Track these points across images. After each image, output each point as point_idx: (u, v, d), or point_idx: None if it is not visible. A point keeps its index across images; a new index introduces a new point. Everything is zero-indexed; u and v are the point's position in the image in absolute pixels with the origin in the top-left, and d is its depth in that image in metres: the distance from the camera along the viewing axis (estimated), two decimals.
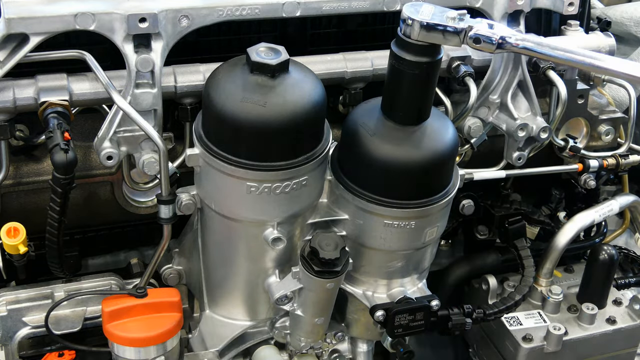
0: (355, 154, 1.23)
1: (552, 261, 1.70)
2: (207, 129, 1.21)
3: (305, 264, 1.23)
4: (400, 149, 1.21)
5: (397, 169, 1.21)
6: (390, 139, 1.21)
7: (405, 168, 1.21)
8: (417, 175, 1.22)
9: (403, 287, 1.40)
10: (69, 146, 1.13)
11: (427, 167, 1.22)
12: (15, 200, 1.35)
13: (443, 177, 1.27)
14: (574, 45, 1.55)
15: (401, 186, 1.23)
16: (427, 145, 1.22)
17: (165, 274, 1.43)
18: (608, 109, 1.73)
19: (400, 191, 1.23)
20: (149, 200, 1.43)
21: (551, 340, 1.64)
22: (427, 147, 1.21)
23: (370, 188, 1.24)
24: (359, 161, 1.24)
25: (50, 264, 1.30)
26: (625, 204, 1.76)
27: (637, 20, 2.25)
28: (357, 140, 1.22)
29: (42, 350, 1.40)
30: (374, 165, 1.22)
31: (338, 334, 1.50)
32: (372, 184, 1.24)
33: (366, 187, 1.25)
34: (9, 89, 1.21)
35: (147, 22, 1.18)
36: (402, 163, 1.21)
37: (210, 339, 1.44)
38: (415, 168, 1.21)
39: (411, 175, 1.22)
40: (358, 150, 1.22)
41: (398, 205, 1.24)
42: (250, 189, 1.19)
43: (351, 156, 1.26)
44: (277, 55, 1.16)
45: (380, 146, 1.21)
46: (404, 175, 1.22)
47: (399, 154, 1.20)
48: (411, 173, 1.22)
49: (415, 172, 1.22)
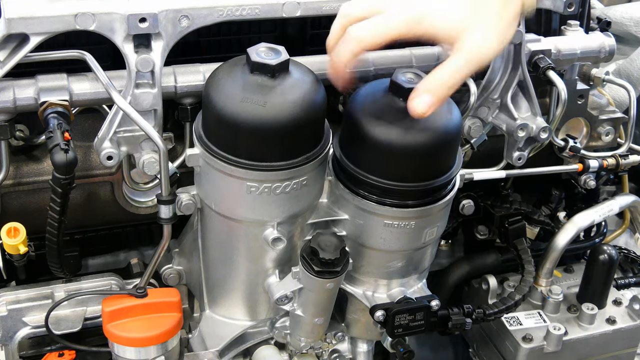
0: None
1: (552, 261, 1.70)
2: (207, 129, 1.21)
3: (305, 264, 1.23)
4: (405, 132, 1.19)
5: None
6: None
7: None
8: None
9: (403, 287, 1.40)
10: (69, 146, 1.13)
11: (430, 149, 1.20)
12: (15, 200, 1.35)
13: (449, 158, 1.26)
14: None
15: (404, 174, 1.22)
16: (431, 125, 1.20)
17: (165, 274, 1.43)
18: (608, 109, 1.73)
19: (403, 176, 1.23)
20: (149, 200, 1.43)
21: (551, 340, 1.64)
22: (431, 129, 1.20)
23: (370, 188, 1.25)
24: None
25: (50, 264, 1.30)
26: (625, 204, 1.76)
27: (637, 20, 2.25)
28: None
29: (42, 350, 1.40)
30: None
31: (338, 334, 1.50)
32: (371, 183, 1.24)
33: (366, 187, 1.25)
34: (9, 89, 1.21)
35: (147, 22, 1.18)
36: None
37: (210, 339, 1.44)
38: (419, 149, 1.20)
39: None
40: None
41: (398, 205, 1.24)
42: (250, 189, 1.19)
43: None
44: (277, 55, 1.16)
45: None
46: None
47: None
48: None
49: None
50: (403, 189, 1.23)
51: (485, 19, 1.12)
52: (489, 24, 1.12)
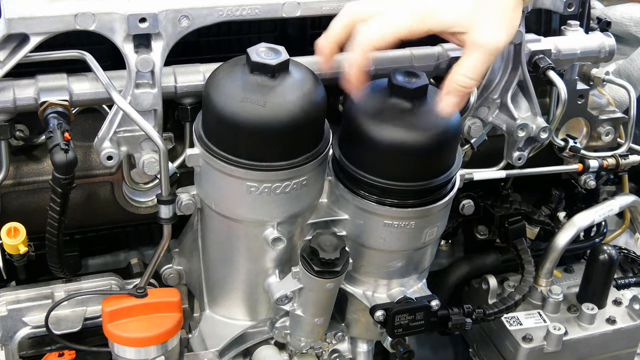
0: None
1: (552, 261, 1.70)
2: (207, 129, 1.21)
3: (305, 264, 1.23)
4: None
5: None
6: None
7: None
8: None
9: (403, 287, 1.40)
10: (69, 146, 1.13)
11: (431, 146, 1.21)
12: (15, 200, 1.35)
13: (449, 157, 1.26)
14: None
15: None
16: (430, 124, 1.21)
17: (165, 274, 1.43)
18: (608, 109, 1.73)
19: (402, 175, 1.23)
20: (149, 200, 1.43)
21: (551, 340, 1.64)
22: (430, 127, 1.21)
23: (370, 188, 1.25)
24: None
25: (50, 264, 1.30)
26: (625, 204, 1.76)
27: (637, 20, 2.25)
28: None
29: (42, 350, 1.40)
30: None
31: (338, 334, 1.50)
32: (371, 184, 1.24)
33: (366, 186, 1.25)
34: (9, 89, 1.21)
35: (147, 22, 1.18)
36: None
37: (210, 339, 1.44)
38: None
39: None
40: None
41: (398, 205, 1.24)
42: (250, 189, 1.19)
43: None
44: (277, 55, 1.16)
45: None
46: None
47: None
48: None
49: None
50: (403, 189, 1.23)
51: (493, 10, 1.14)
52: (497, 15, 1.14)
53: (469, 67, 1.14)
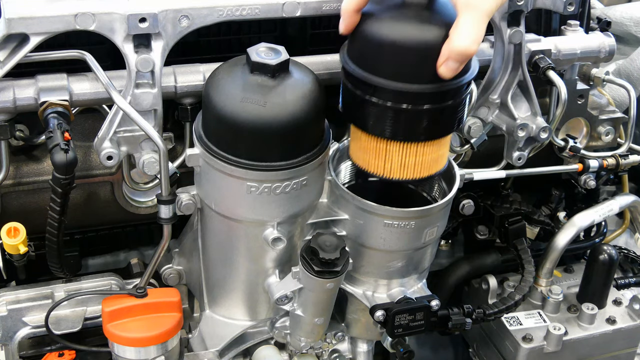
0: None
1: (552, 261, 1.70)
2: (207, 129, 1.21)
3: (305, 264, 1.23)
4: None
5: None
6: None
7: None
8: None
9: (403, 287, 1.40)
10: (69, 146, 1.13)
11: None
12: (15, 200, 1.35)
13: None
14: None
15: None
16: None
17: (165, 274, 1.43)
18: (608, 109, 1.73)
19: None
20: (149, 200, 1.43)
21: (551, 340, 1.64)
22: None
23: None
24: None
25: (50, 264, 1.30)
26: (625, 204, 1.76)
27: (637, 20, 2.25)
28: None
29: (42, 350, 1.40)
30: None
31: (338, 334, 1.50)
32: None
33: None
34: (9, 89, 1.21)
35: (147, 22, 1.18)
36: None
37: (210, 339, 1.44)
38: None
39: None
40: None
41: (397, 205, 1.24)
42: (251, 189, 1.19)
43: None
44: (277, 55, 1.16)
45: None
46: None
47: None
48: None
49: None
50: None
51: None
52: None
53: (465, 31, 1.11)
